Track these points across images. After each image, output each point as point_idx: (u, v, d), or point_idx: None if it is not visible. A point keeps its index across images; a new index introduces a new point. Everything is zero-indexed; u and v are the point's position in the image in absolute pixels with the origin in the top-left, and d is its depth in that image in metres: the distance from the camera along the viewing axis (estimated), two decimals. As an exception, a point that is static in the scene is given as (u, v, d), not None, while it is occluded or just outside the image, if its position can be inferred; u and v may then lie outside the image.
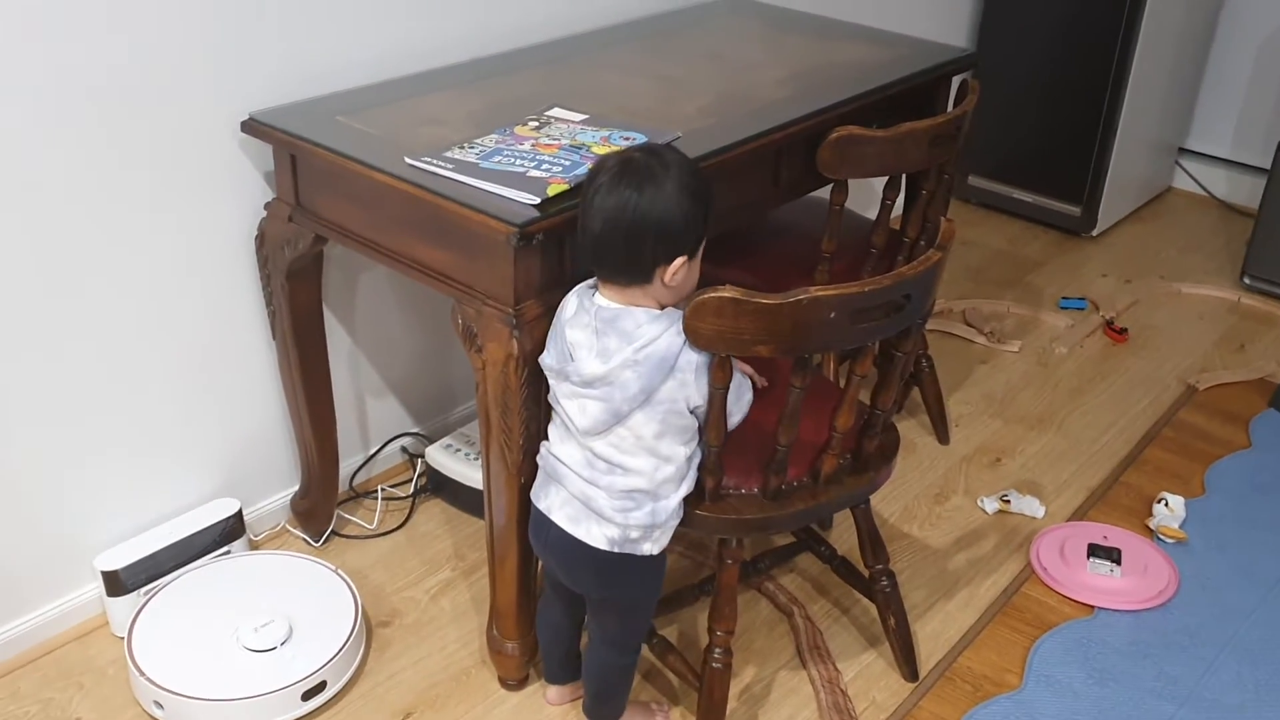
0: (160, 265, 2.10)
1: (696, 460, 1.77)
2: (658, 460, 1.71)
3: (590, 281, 1.72)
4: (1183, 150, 4.31)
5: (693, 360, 1.64)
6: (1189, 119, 4.24)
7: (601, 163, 1.66)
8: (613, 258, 1.65)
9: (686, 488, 1.77)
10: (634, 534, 1.73)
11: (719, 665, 1.94)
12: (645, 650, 2.06)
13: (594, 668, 1.94)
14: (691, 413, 1.70)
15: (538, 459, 1.82)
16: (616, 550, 1.74)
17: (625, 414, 1.66)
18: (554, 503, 1.78)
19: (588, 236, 1.65)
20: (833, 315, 1.62)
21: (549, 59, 2.39)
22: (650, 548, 1.76)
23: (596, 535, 1.74)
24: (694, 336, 1.62)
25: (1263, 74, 4.05)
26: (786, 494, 1.86)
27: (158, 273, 2.10)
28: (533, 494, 1.83)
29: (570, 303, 1.71)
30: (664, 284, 1.65)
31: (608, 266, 1.66)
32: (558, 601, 1.96)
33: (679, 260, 1.63)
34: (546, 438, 1.81)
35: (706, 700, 1.96)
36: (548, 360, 1.72)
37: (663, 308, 1.68)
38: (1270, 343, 3.35)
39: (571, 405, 1.69)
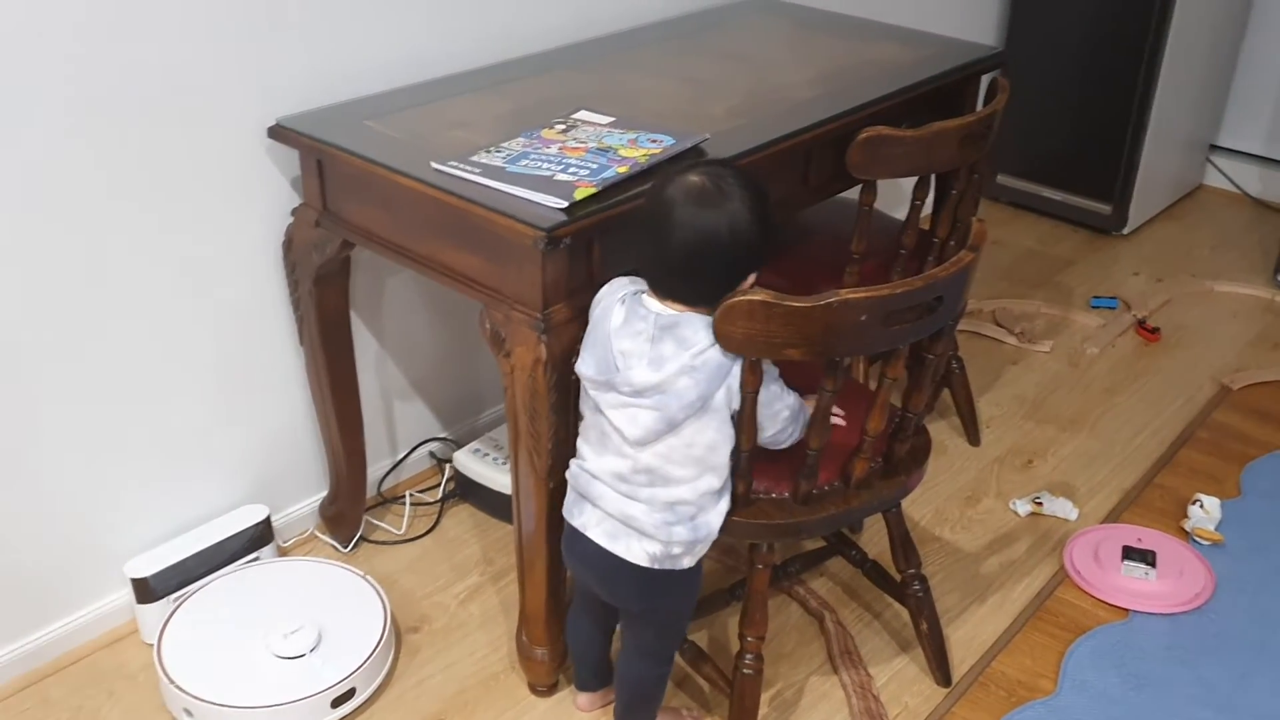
0: (188, 271, 2.10)
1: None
2: (704, 470, 1.68)
3: (632, 287, 1.69)
4: (1214, 147, 4.26)
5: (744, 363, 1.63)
6: (1220, 115, 4.20)
7: (660, 191, 1.62)
8: (688, 286, 1.63)
9: (726, 503, 1.75)
10: (676, 549, 1.71)
11: (750, 672, 1.92)
12: (677, 657, 2.05)
13: (628, 678, 1.93)
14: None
15: (568, 475, 1.79)
16: (658, 567, 1.72)
17: (680, 422, 1.63)
18: (589, 520, 1.75)
19: (657, 266, 1.64)
20: (864, 318, 1.60)
21: (574, 61, 2.38)
22: (689, 561, 1.74)
23: (637, 552, 1.71)
24: (724, 340, 1.61)
25: (1296, 69, 4.01)
26: (817, 498, 1.85)
27: (185, 279, 2.10)
28: (565, 511, 1.80)
29: (616, 311, 1.66)
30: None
31: (679, 293, 1.64)
32: (588, 612, 1.94)
33: (752, 276, 1.64)
34: (575, 452, 1.79)
35: (738, 707, 1.94)
36: (587, 370, 1.68)
37: None
38: (1306, 341, 3.31)
39: (620, 416, 1.66)
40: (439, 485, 2.61)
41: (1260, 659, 2.18)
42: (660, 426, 1.63)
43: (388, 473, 2.60)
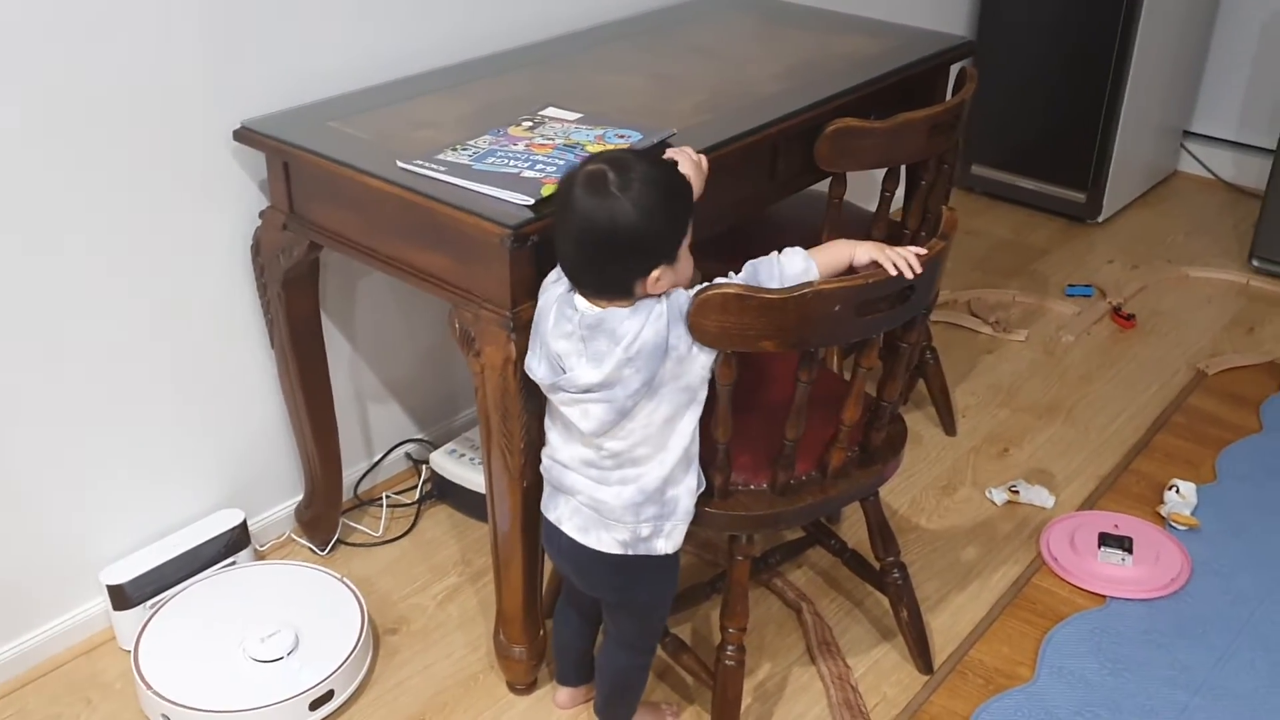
0: (156, 276, 2.09)
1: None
2: (666, 443, 1.67)
3: (563, 285, 1.66)
4: (1187, 133, 4.28)
5: (679, 331, 1.60)
6: (1193, 101, 4.21)
7: (569, 178, 1.60)
8: (589, 278, 1.61)
9: (694, 480, 1.74)
10: (645, 530, 1.71)
11: (732, 663, 1.93)
12: (659, 649, 2.05)
13: (609, 669, 1.93)
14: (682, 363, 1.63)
15: (541, 469, 1.79)
16: (631, 553, 1.72)
17: (631, 409, 1.63)
18: (563, 513, 1.76)
19: (563, 258, 1.62)
20: (837, 308, 1.61)
21: (541, 59, 2.38)
22: (664, 544, 1.73)
23: (608, 541, 1.72)
24: (699, 334, 1.61)
25: (1267, 54, 4.02)
26: (795, 489, 1.85)
27: (154, 285, 2.09)
28: (542, 505, 1.81)
29: (549, 313, 1.66)
30: (648, 293, 1.60)
31: (586, 285, 1.62)
32: (575, 603, 1.95)
33: (656, 271, 1.58)
34: (546, 443, 1.79)
35: (720, 698, 1.94)
36: (539, 373, 1.67)
37: None
38: (1280, 325, 3.33)
39: (573, 412, 1.66)
40: (416, 487, 2.60)
41: (1236, 641, 2.19)
42: (612, 417, 1.63)
43: (364, 475, 2.59)
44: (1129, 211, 4.02)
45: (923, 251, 1.67)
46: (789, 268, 1.66)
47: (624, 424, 1.65)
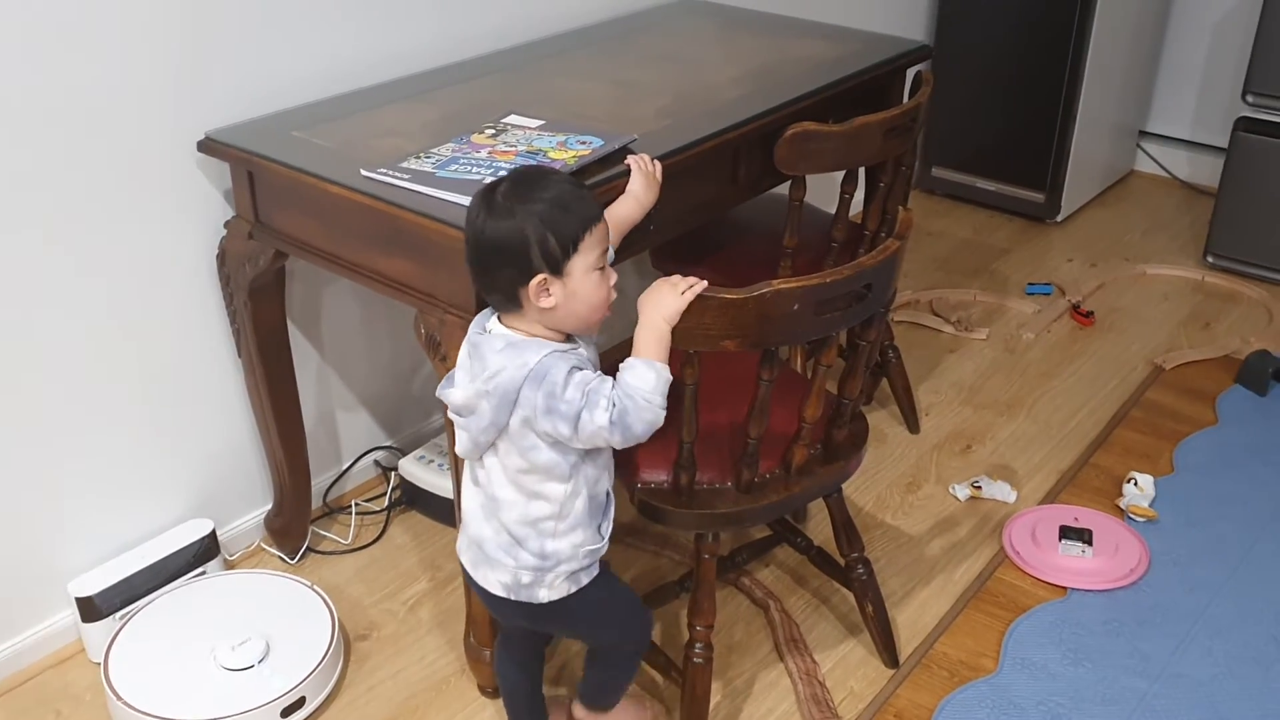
0: (122, 287, 2.10)
1: (599, 506, 1.70)
2: (527, 496, 1.63)
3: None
4: (1143, 133, 4.34)
5: (532, 398, 1.53)
6: (1148, 102, 4.28)
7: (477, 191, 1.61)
8: (478, 282, 1.61)
9: (583, 534, 1.67)
10: (525, 578, 1.66)
11: (700, 661, 1.95)
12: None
13: (599, 655, 1.90)
14: (554, 446, 1.58)
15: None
16: (513, 598, 1.68)
17: (485, 444, 1.60)
18: (461, 545, 1.75)
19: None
20: (797, 307, 1.64)
21: (503, 67, 2.40)
22: (546, 594, 1.67)
23: (492, 581, 1.69)
24: None
25: (1218, 54, 4.09)
26: (760, 486, 1.88)
27: (120, 295, 2.10)
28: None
29: (475, 319, 1.66)
30: (537, 306, 1.54)
31: (480, 290, 1.62)
32: (513, 652, 1.92)
33: (536, 279, 1.52)
34: (463, 515, 1.76)
35: (689, 696, 1.96)
36: (439, 387, 1.65)
37: (566, 336, 1.61)
38: (1235, 320, 3.38)
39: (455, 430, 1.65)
40: (385, 494, 2.61)
41: (1194, 629, 2.24)
42: (470, 447, 1.62)
43: (333, 483, 2.60)
44: (1087, 211, 4.08)
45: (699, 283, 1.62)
46: (640, 384, 1.56)
47: (486, 458, 1.63)
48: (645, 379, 1.56)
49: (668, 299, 1.60)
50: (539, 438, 1.57)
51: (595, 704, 1.95)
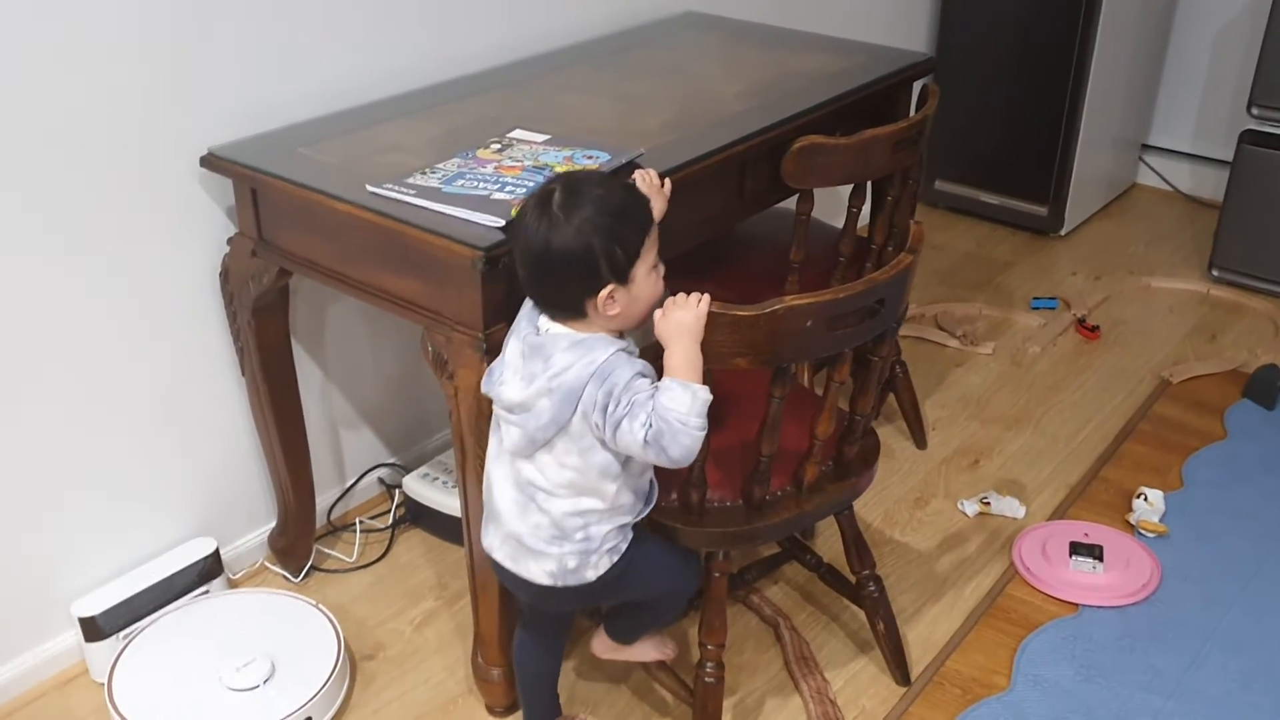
0: (125, 306, 2.08)
1: (642, 493, 1.72)
2: (578, 492, 1.64)
3: None
4: (1145, 146, 4.34)
5: (594, 395, 1.55)
6: (1150, 115, 4.28)
7: (525, 200, 1.62)
8: (535, 295, 1.63)
9: (625, 516, 1.70)
10: (571, 563, 1.67)
11: (711, 679, 1.93)
12: (640, 668, 2.08)
13: (646, 603, 1.88)
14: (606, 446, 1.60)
15: (483, 484, 1.76)
16: (561, 585, 1.69)
17: (542, 442, 1.60)
18: (494, 541, 1.74)
19: (519, 275, 1.62)
20: (809, 324, 1.62)
21: (507, 82, 2.39)
22: (593, 573, 1.69)
23: (537, 572, 1.69)
24: None
25: (1220, 67, 4.09)
26: (771, 504, 1.86)
27: (123, 313, 2.08)
28: (481, 532, 1.79)
29: (521, 320, 1.66)
30: (602, 314, 1.57)
31: (537, 303, 1.64)
32: (537, 633, 1.92)
33: (605, 291, 1.55)
34: (492, 512, 1.75)
35: (701, 715, 1.95)
36: (487, 378, 1.67)
37: (621, 334, 1.63)
38: (1241, 333, 3.37)
39: (504, 427, 1.65)
40: (389, 511, 2.59)
41: (1207, 645, 2.22)
42: (524, 444, 1.61)
43: (337, 501, 2.58)
44: (1090, 224, 4.07)
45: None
46: (675, 405, 1.54)
47: (540, 455, 1.63)
48: (680, 401, 1.55)
49: (686, 317, 1.59)
50: (595, 437, 1.59)
51: (622, 639, 1.96)
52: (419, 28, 2.36)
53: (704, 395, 1.56)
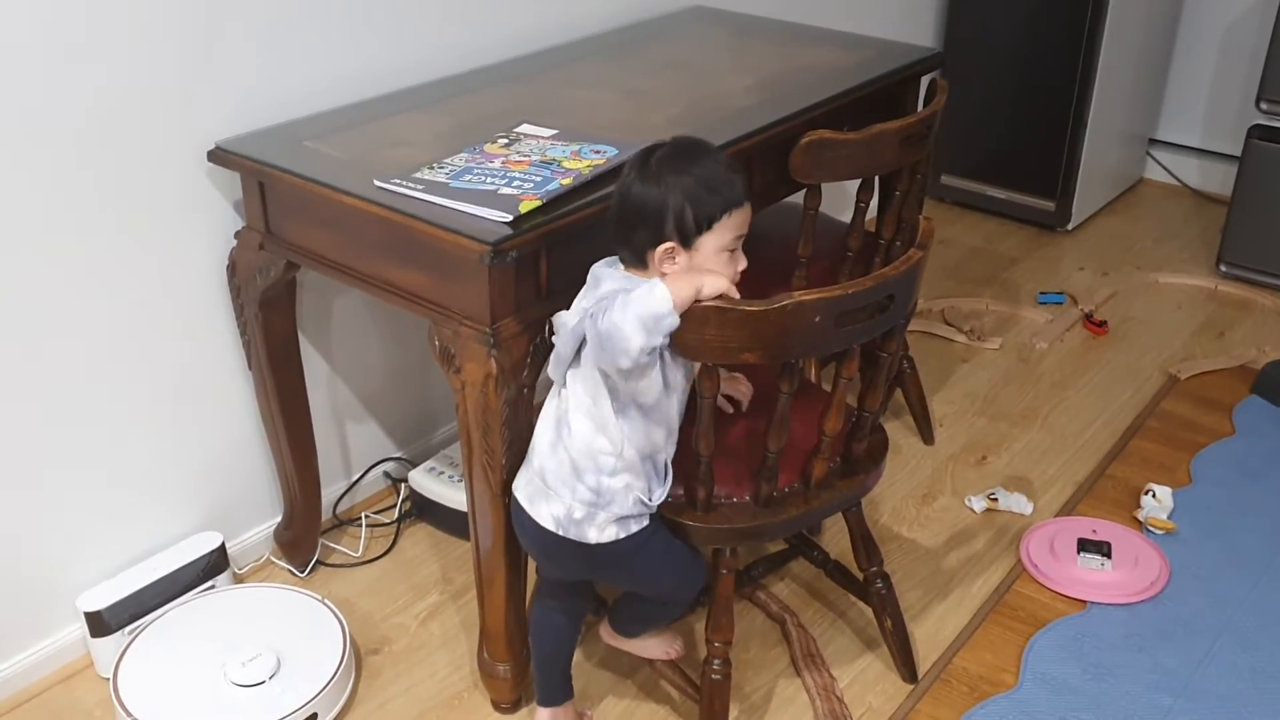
0: (132, 298, 2.07)
1: (656, 464, 1.75)
2: (595, 427, 1.68)
3: None
4: (1153, 141, 4.32)
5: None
6: (1158, 109, 4.26)
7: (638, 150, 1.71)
8: (614, 235, 1.69)
9: (635, 480, 1.72)
10: (577, 512, 1.71)
11: (718, 676, 1.92)
12: (648, 662, 2.08)
13: (634, 599, 1.95)
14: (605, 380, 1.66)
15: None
16: (561, 533, 1.73)
17: (567, 356, 1.66)
18: (520, 481, 1.79)
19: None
20: (818, 319, 1.61)
21: (514, 76, 2.38)
22: (594, 534, 1.72)
23: (545, 515, 1.74)
24: (680, 347, 1.61)
25: (1228, 61, 4.07)
26: (779, 501, 1.85)
27: (129, 306, 2.08)
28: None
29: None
30: (658, 269, 1.64)
31: (614, 242, 1.70)
32: (556, 602, 1.93)
33: (664, 246, 1.63)
34: (529, 453, 1.80)
35: (707, 712, 1.94)
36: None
37: None
38: (1249, 329, 3.36)
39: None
40: (395, 505, 2.58)
41: (1216, 643, 2.21)
42: (554, 362, 1.70)
43: (343, 495, 2.57)
44: (1098, 219, 4.05)
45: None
46: (639, 304, 1.56)
47: (570, 378, 1.69)
48: (640, 294, 1.56)
49: (719, 283, 1.60)
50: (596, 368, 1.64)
51: (623, 631, 1.99)
52: (427, 21, 2.35)
53: (667, 305, 1.55)
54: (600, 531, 1.73)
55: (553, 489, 1.73)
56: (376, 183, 1.81)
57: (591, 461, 1.70)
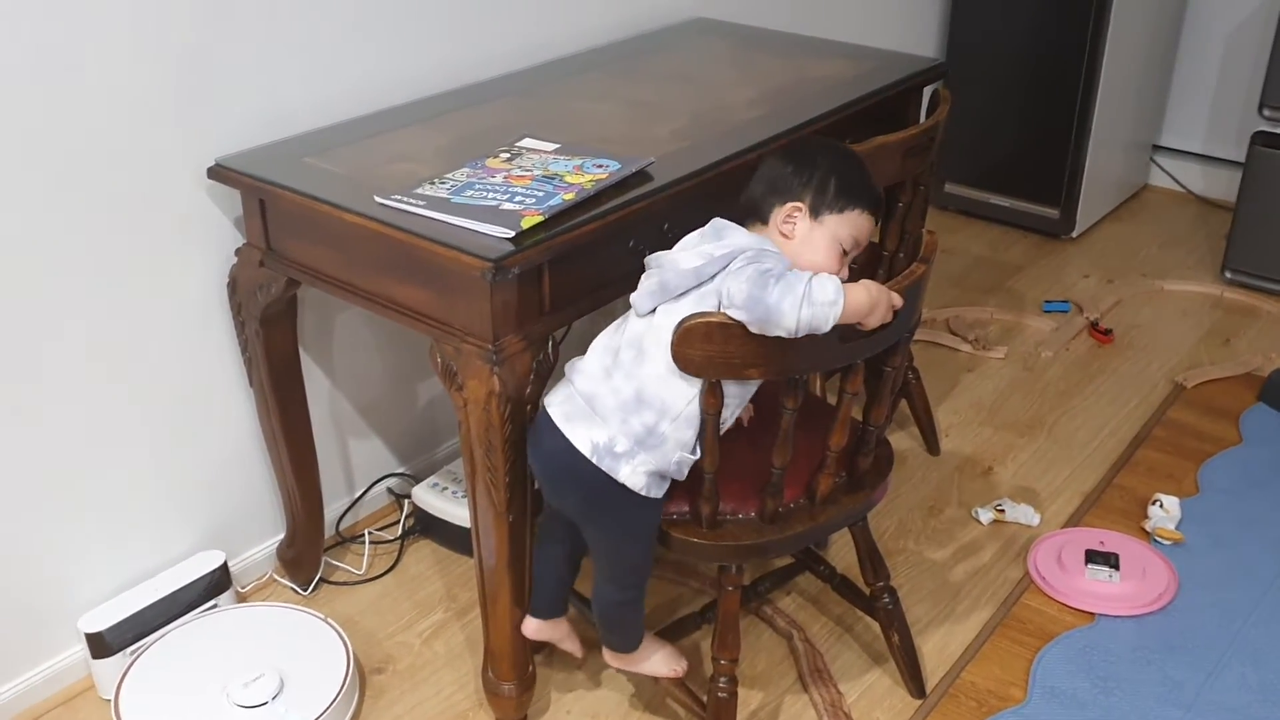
0: (132, 316, 2.06)
1: (686, 446, 1.72)
2: (670, 369, 1.64)
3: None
4: (1157, 147, 4.31)
5: (740, 266, 1.60)
6: (1161, 115, 4.25)
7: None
8: (745, 193, 1.78)
9: (687, 438, 1.70)
10: (620, 446, 1.68)
11: (725, 695, 1.91)
12: (654, 681, 2.05)
13: (597, 603, 1.93)
14: None
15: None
16: (595, 461, 1.69)
17: (675, 289, 1.65)
18: (555, 398, 1.75)
19: None
20: (822, 335, 1.60)
21: (516, 90, 2.37)
22: (626, 471, 1.69)
23: (582, 437, 1.70)
24: (683, 363, 1.60)
25: (1231, 67, 4.06)
26: (784, 516, 1.84)
27: (129, 324, 2.06)
28: (543, 396, 1.80)
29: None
30: (777, 228, 1.73)
31: (741, 204, 1.78)
32: (552, 536, 1.94)
33: (793, 204, 1.72)
34: (568, 371, 1.78)
35: (713, 730, 1.93)
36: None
37: None
38: (1255, 336, 3.34)
39: (641, 283, 1.72)
40: (398, 522, 2.57)
41: (1226, 655, 2.19)
42: (656, 289, 1.67)
43: (345, 512, 2.56)
44: (1102, 226, 4.04)
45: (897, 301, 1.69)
46: (818, 292, 1.57)
47: (661, 311, 1.67)
48: (826, 282, 1.59)
49: (882, 302, 1.65)
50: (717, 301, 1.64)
51: (616, 649, 1.98)
52: (427, 36, 2.34)
53: (841, 301, 1.57)
54: (633, 472, 1.70)
55: (599, 414, 1.69)
56: (377, 199, 1.80)
57: (659, 398, 1.67)
